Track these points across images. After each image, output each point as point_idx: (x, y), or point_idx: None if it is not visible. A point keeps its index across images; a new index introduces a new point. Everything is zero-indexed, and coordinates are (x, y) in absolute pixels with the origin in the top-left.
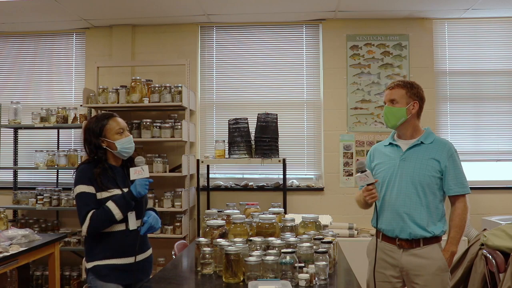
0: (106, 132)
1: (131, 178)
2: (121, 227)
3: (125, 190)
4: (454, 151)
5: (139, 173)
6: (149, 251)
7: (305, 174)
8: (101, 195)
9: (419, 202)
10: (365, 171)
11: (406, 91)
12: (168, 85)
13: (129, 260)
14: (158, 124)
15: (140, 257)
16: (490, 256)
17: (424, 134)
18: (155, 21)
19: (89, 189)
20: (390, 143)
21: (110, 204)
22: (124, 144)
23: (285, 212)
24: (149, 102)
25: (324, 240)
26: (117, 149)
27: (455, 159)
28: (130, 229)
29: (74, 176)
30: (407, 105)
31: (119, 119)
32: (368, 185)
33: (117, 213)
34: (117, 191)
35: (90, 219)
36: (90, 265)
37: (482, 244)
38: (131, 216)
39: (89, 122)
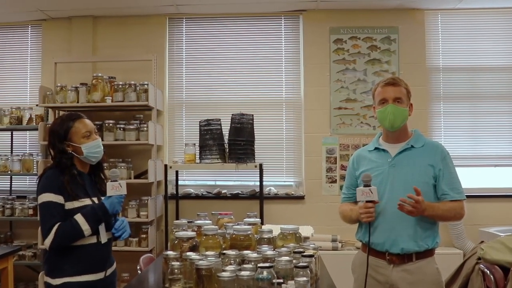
0: (71, 136)
1: (108, 194)
2: (93, 239)
3: (95, 199)
4: (446, 153)
5: (117, 189)
6: (114, 265)
7: (284, 181)
8: (73, 204)
9: None
10: (370, 186)
11: (406, 91)
12: (133, 82)
13: (99, 275)
14: (122, 126)
15: (109, 271)
16: (488, 271)
17: (413, 137)
18: (119, 12)
19: (57, 198)
20: (376, 148)
21: (79, 218)
22: (91, 148)
23: (262, 223)
24: (112, 101)
25: (305, 254)
26: (83, 153)
27: (448, 161)
28: (102, 242)
29: (38, 182)
30: (407, 106)
31: (87, 121)
32: (367, 201)
33: (86, 228)
34: (87, 201)
35: (56, 233)
36: (57, 281)
37: (479, 258)
38: (102, 228)
39: (54, 124)
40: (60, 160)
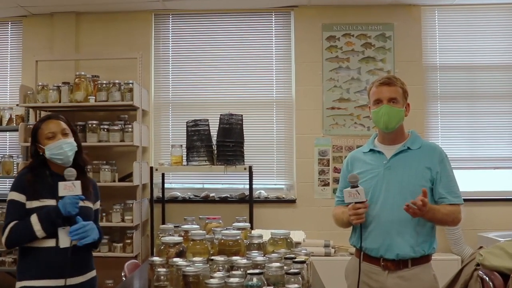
0: (38, 137)
1: (60, 194)
2: (51, 243)
3: None
4: (444, 155)
5: (69, 189)
6: (91, 274)
7: (275, 184)
8: (31, 204)
9: (408, 217)
10: (357, 186)
11: (402, 90)
12: (117, 81)
13: (58, 282)
14: (106, 127)
15: (76, 280)
16: (487, 278)
17: (410, 139)
18: (103, 8)
19: (20, 197)
20: (371, 150)
21: (33, 218)
22: (53, 150)
23: (252, 228)
24: (95, 101)
25: (296, 260)
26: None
27: (446, 164)
28: (61, 247)
29: None
30: (403, 106)
31: (55, 121)
32: (356, 203)
33: (38, 229)
34: (50, 202)
35: (9, 231)
36: (18, 284)
37: (478, 264)
38: (62, 232)
39: None
40: (32, 161)
